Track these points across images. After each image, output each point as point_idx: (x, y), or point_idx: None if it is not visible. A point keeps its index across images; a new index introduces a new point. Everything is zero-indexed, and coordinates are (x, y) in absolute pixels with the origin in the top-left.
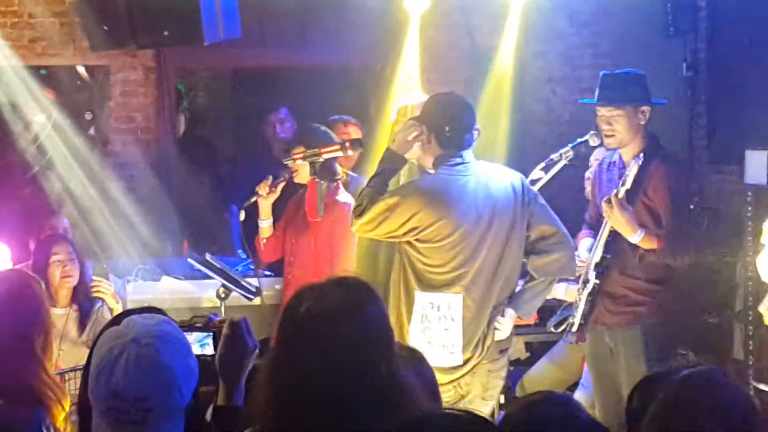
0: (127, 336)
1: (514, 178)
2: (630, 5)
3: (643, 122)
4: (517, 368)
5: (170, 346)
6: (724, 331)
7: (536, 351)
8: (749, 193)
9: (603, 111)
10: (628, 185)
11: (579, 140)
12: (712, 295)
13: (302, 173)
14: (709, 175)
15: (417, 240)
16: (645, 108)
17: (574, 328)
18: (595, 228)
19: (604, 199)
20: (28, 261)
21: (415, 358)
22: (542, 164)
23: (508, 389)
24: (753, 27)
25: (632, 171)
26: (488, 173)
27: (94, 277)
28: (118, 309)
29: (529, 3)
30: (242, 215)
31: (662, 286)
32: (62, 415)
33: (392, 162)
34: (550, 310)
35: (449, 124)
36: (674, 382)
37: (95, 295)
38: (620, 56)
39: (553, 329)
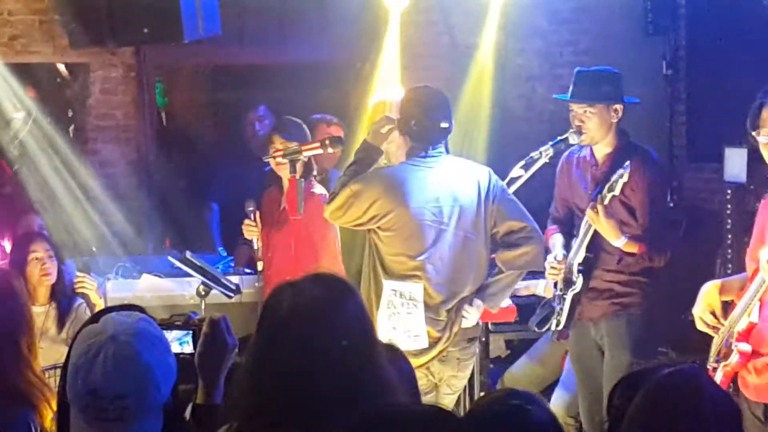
0: (104, 333)
1: (482, 173)
2: (610, 3)
3: (615, 120)
4: (498, 366)
5: (148, 344)
6: None
7: (517, 348)
8: (729, 191)
9: (575, 108)
10: (616, 191)
11: (559, 138)
12: (691, 293)
13: (285, 167)
14: (688, 173)
15: (379, 228)
16: (617, 106)
17: (560, 327)
18: (562, 222)
19: (590, 205)
20: (5, 259)
21: (393, 352)
22: (522, 162)
23: (488, 387)
24: (732, 25)
25: (622, 179)
26: (455, 167)
27: (77, 273)
28: (101, 305)
29: (509, 0)
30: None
31: (647, 277)
32: (50, 415)
33: (367, 153)
34: (530, 307)
35: (416, 117)
36: (655, 381)
37: (79, 291)
38: (600, 54)
39: (536, 328)
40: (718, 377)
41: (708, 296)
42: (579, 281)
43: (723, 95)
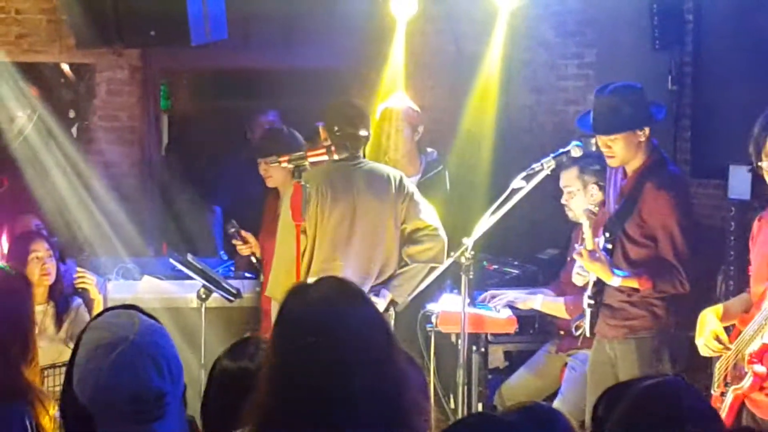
0: (127, 340)
1: (395, 175)
2: (617, 17)
3: (642, 139)
4: (496, 377)
5: (165, 337)
6: None
7: (515, 360)
8: (732, 208)
9: (599, 137)
10: (588, 245)
11: (561, 150)
12: (693, 310)
13: (276, 177)
14: (691, 189)
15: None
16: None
17: (587, 333)
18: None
19: (575, 252)
20: (2, 259)
21: (409, 362)
22: (524, 173)
23: (486, 398)
24: (739, 41)
25: (586, 230)
26: (370, 170)
27: (78, 269)
28: (100, 300)
29: (516, 11)
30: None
31: (660, 300)
32: (45, 416)
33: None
34: (530, 318)
35: (338, 125)
36: (637, 391)
37: (79, 285)
38: (605, 67)
39: (573, 330)
40: (728, 401)
41: (710, 323)
42: (586, 300)
43: (728, 112)
